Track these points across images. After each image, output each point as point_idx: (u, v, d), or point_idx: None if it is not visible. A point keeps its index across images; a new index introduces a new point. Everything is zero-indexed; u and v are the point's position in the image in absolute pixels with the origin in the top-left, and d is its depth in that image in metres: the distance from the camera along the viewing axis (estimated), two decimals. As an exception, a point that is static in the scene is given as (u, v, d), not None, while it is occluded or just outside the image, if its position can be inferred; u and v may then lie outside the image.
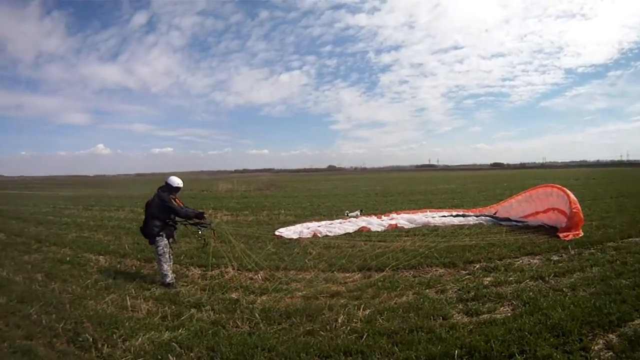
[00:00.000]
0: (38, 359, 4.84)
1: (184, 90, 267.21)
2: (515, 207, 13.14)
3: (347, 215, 15.31)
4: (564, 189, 11.07)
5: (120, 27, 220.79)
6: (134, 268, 9.01)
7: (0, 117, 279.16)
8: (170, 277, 7.57)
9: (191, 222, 8.26)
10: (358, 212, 16.00)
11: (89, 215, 20.31)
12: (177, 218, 7.94)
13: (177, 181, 7.97)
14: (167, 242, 7.77)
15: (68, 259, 10.01)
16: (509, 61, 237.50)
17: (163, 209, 7.67)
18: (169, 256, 7.73)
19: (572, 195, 10.52)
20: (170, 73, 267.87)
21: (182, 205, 8.04)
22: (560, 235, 9.67)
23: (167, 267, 7.61)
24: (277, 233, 12.13)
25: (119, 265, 9.23)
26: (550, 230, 10.39)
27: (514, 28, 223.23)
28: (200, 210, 8.24)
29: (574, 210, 10.07)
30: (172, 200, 7.79)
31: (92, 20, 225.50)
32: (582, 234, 9.77)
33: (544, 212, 11.59)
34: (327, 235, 11.68)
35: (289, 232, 12.26)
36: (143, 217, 8.07)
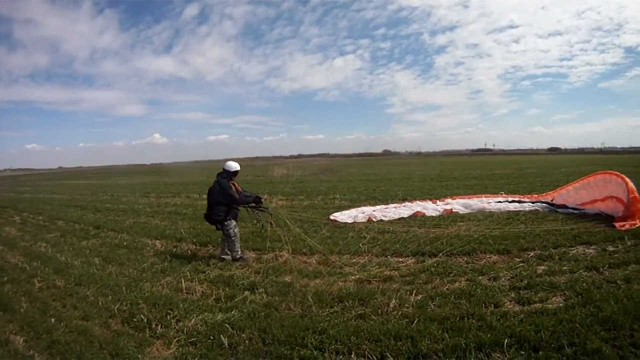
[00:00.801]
0: (93, 338, 5.08)
1: (239, 78, 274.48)
2: (573, 194, 12.50)
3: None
4: (623, 176, 10.44)
5: (172, 20, 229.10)
6: (189, 252, 9.31)
7: (59, 112, 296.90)
8: (240, 252, 8.11)
9: (250, 206, 8.52)
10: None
11: (146, 202, 21.15)
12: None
13: (234, 165, 8.24)
14: (235, 223, 8.15)
15: (125, 243, 10.53)
16: (567, 40, 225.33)
17: (224, 195, 7.99)
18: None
19: (630, 183, 9.90)
20: (224, 62, 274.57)
21: (240, 189, 8.31)
22: (616, 224, 9.14)
23: (239, 246, 8.14)
24: (331, 217, 12.24)
25: (174, 249, 9.56)
26: (608, 219, 9.85)
27: (571, 5, 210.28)
28: (258, 195, 8.48)
29: (631, 198, 9.49)
30: (232, 186, 8.08)
31: (145, 15, 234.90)
32: (639, 223, 9.22)
33: (602, 200, 10.97)
34: (381, 220, 11.65)
35: (343, 216, 12.36)
36: (202, 203, 8.42)
